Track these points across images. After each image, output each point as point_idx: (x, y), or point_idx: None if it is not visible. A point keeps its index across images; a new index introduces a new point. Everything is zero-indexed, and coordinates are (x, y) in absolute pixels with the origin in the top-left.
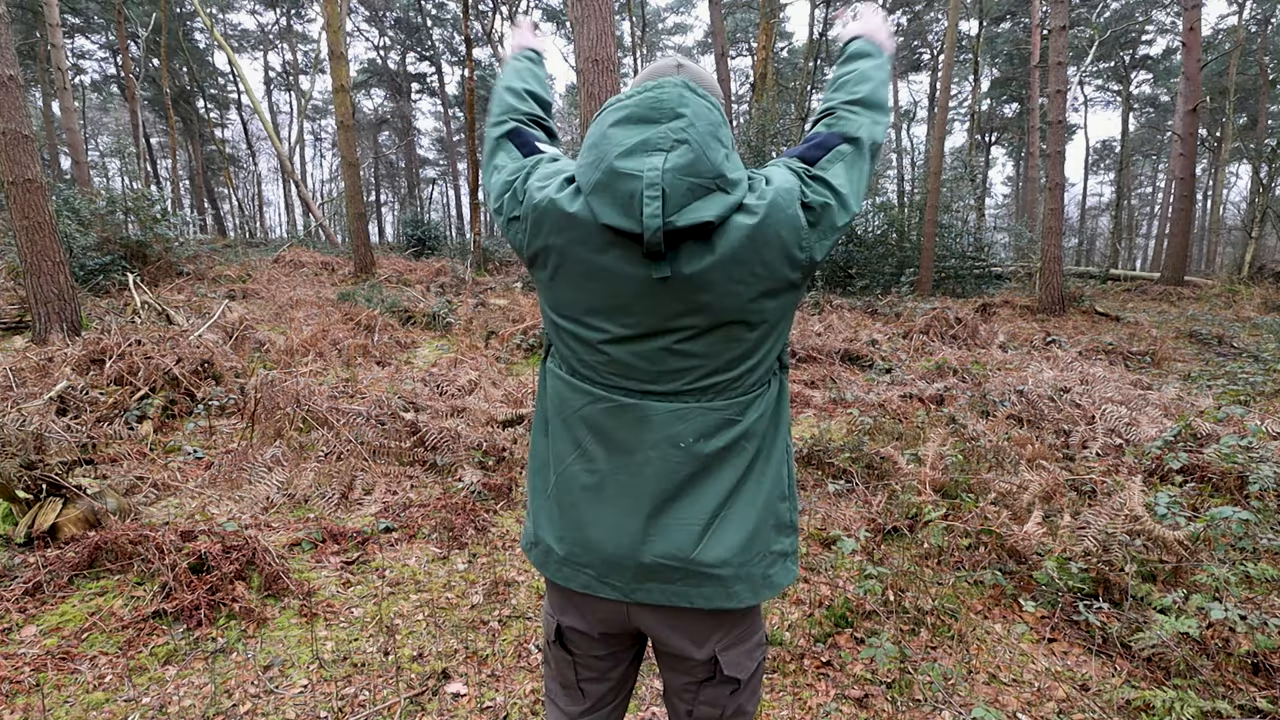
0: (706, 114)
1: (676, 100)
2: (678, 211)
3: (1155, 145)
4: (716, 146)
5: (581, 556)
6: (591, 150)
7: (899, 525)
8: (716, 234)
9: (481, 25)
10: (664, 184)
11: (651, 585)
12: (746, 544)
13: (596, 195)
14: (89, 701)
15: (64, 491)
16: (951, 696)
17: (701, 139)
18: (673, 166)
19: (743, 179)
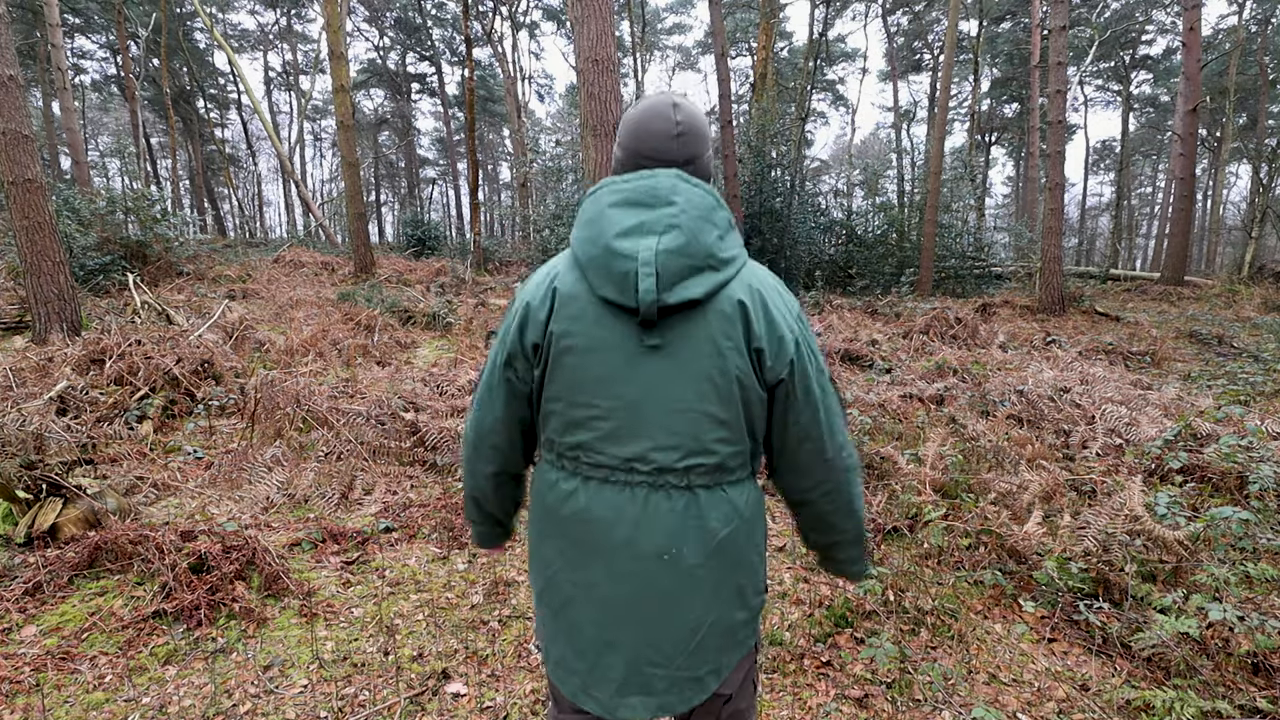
0: (699, 200)
1: (669, 190)
2: (669, 289)
3: (1155, 145)
4: (709, 229)
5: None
6: (590, 226)
7: (899, 525)
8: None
9: (481, 25)
10: (658, 263)
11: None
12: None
13: (594, 270)
14: (89, 701)
15: (64, 491)
16: (951, 696)
17: (693, 224)
18: (666, 248)
19: (737, 257)
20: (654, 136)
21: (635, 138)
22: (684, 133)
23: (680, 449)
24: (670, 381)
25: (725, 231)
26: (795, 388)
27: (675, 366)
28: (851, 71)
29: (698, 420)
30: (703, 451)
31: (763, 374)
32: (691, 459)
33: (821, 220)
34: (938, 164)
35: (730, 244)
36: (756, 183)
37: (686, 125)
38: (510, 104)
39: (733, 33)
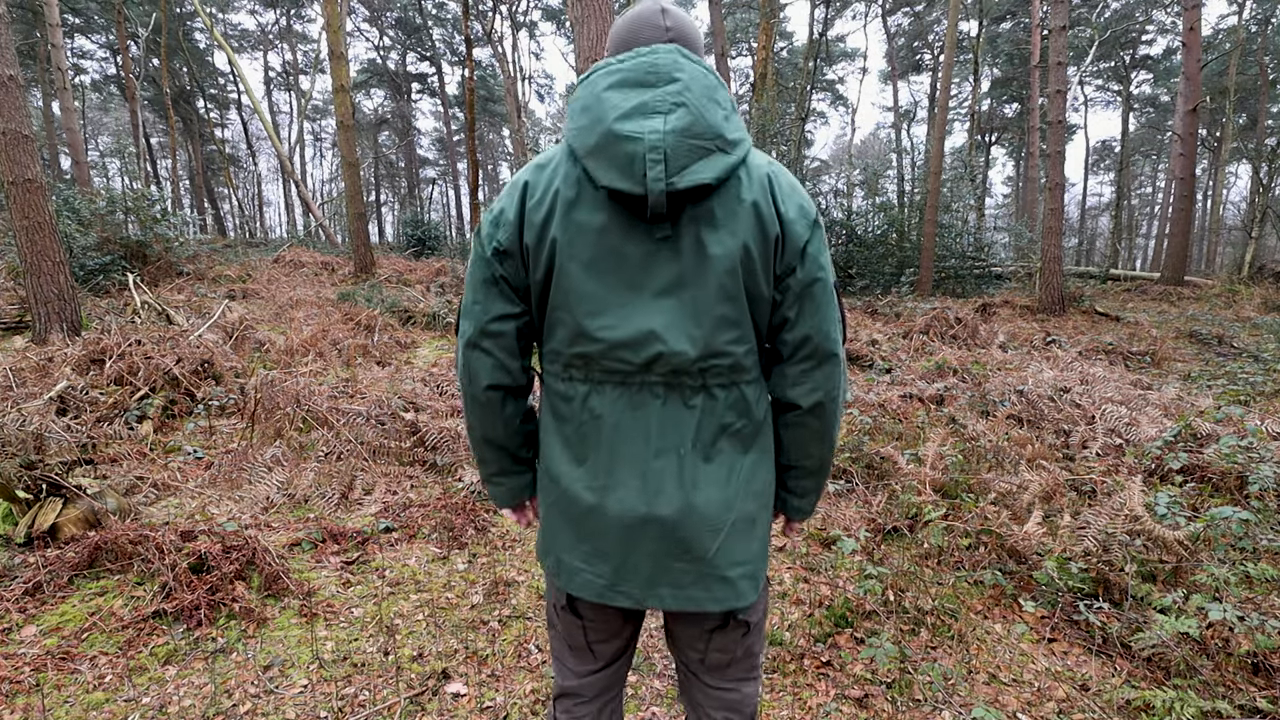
0: (702, 78)
1: (671, 65)
2: (679, 173)
3: (1155, 145)
4: (714, 108)
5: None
6: (585, 113)
7: (899, 525)
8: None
9: (481, 25)
10: (665, 146)
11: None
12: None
13: (594, 158)
14: (89, 701)
15: (64, 491)
16: (951, 696)
17: (699, 101)
18: (672, 129)
19: (744, 139)
20: (643, 43)
21: (624, 45)
22: (674, 37)
23: (695, 351)
24: (683, 281)
25: (730, 112)
26: (803, 274)
27: (687, 262)
28: (851, 71)
29: (712, 322)
30: (718, 354)
31: (780, 260)
32: (706, 361)
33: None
34: (938, 164)
35: (736, 125)
36: None
37: (676, 30)
38: (510, 104)
39: (733, 33)
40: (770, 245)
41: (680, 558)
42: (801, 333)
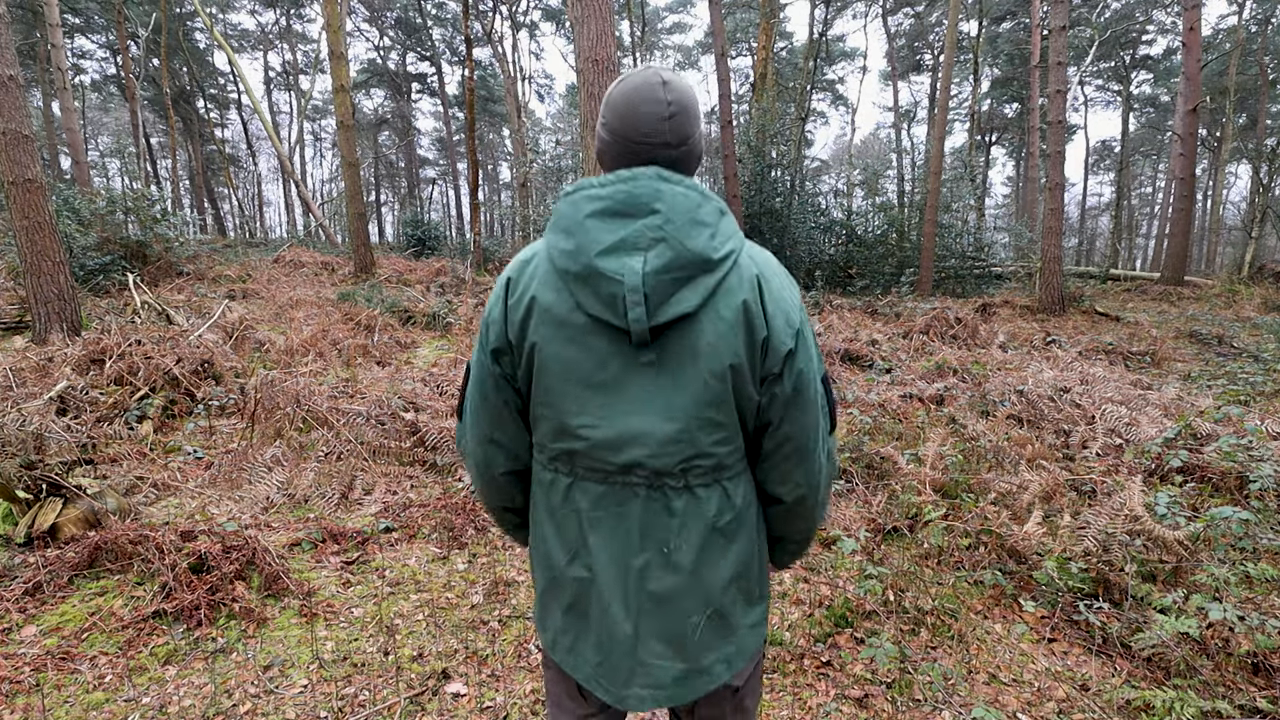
0: (683, 200)
1: (651, 195)
2: (660, 308)
3: (1155, 145)
4: (697, 232)
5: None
6: (569, 237)
7: (899, 525)
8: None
9: (481, 25)
10: (646, 287)
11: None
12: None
13: (579, 287)
14: (89, 701)
15: (64, 491)
16: (951, 696)
17: (680, 232)
18: (653, 268)
19: (731, 251)
20: (643, 120)
21: (623, 120)
22: (675, 114)
23: (678, 455)
24: (665, 391)
25: (716, 225)
26: (787, 382)
27: (670, 375)
28: (851, 71)
29: (695, 426)
30: (701, 455)
31: (764, 365)
32: (689, 462)
33: (821, 220)
34: (938, 164)
35: (723, 238)
36: (756, 183)
37: (678, 105)
38: (510, 104)
39: (733, 32)
40: (757, 349)
41: (660, 655)
42: (784, 434)
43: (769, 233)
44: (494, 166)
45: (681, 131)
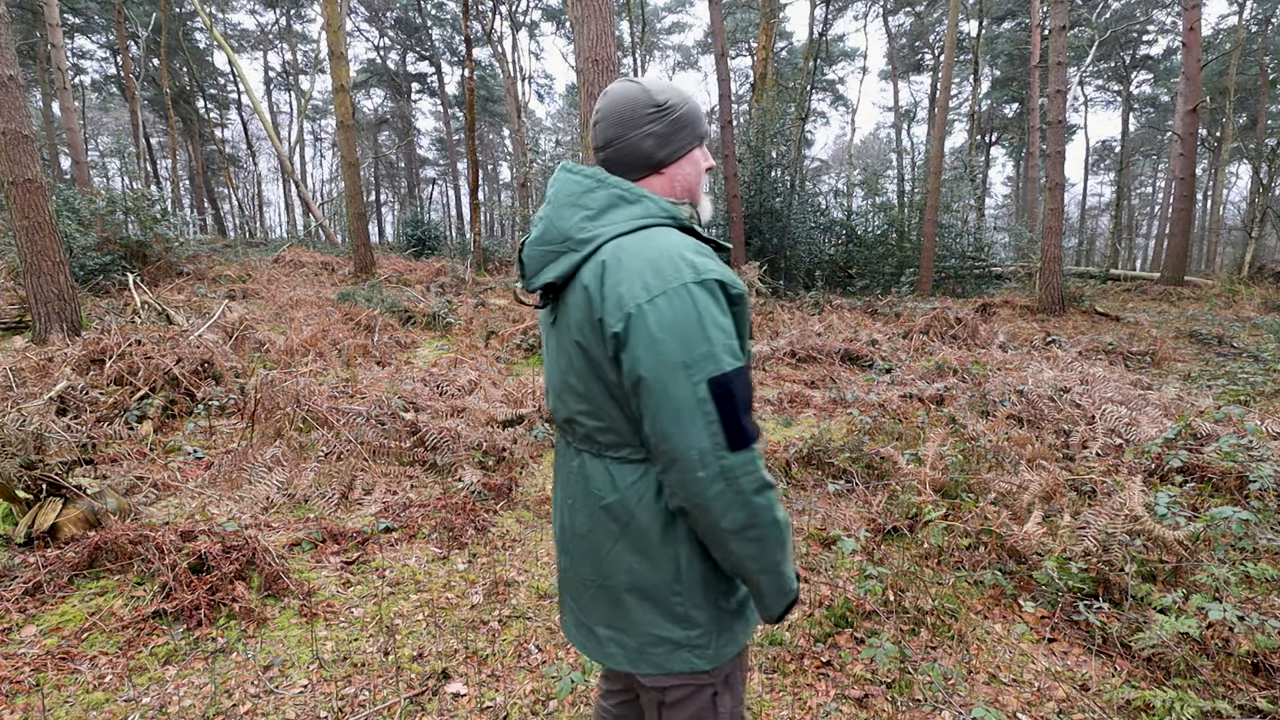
0: (571, 188)
1: (553, 182)
2: (534, 276)
3: (1155, 145)
4: (572, 214)
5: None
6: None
7: (899, 525)
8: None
9: (481, 25)
10: (527, 256)
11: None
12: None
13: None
14: (89, 701)
15: (64, 491)
16: (951, 696)
17: (557, 212)
18: (532, 240)
19: (597, 236)
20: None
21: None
22: (598, 121)
23: (560, 411)
24: (553, 350)
25: (597, 210)
26: (628, 372)
27: (556, 337)
28: (851, 71)
29: (563, 388)
30: (572, 420)
31: (610, 349)
32: (568, 425)
33: (821, 220)
34: (938, 164)
35: (604, 223)
36: (756, 183)
37: (601, 113)
38: (510, 104)
39: (733, 32)
40: (597, 331)
41: (575, 595)
42: (645, 430)
43: (769, 233)
44: (494, 166)
45: (601, 136)
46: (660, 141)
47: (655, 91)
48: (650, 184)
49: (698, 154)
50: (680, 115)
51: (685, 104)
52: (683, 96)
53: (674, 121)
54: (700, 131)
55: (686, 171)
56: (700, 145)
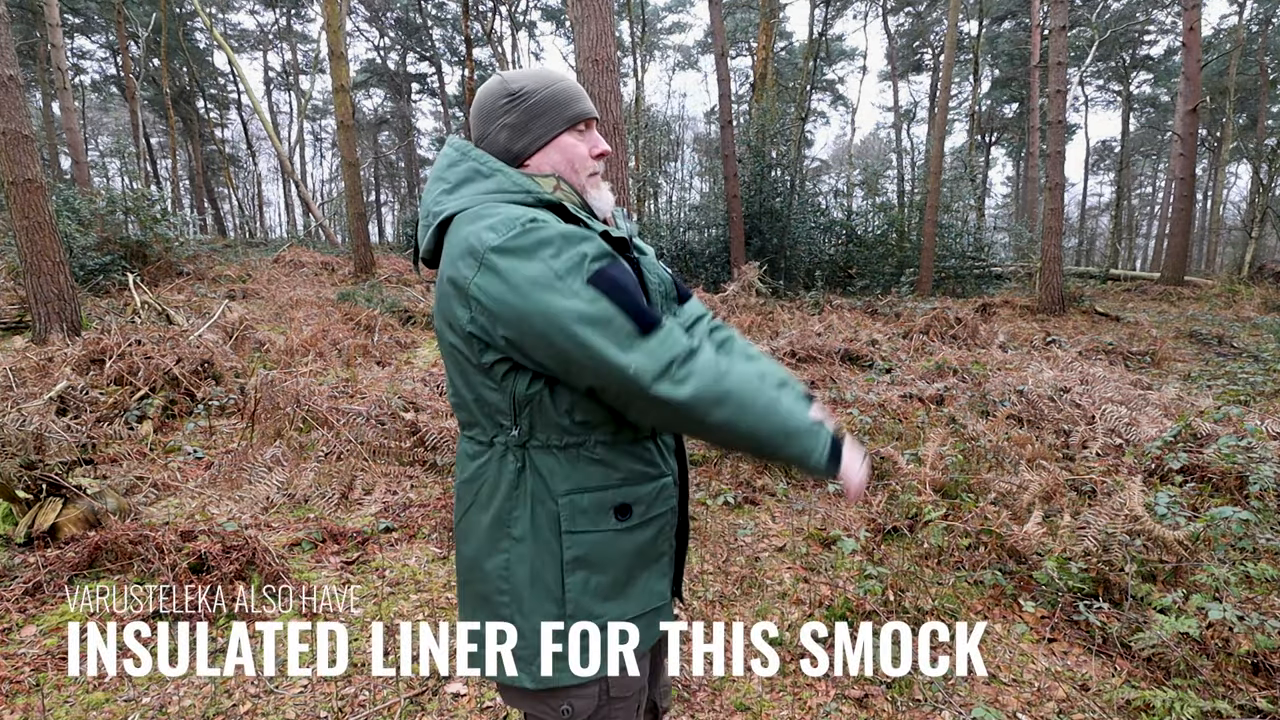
0: (441, 161)
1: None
2: (423, 248)
3: (1155, 145)
4: (436, 186)
5: None
6: None
7: (899, 525)
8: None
9: (481, 25)
10: (413, 230)
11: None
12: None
13: None
14: (89, 701)
15: (64, 491)
16: (951, 696)
17: (427, 187)
18: (417, 217)
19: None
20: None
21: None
22: (472, 118)
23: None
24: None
25: (456, 184)
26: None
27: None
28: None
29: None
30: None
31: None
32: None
33: (821, 220)
34: (938, 164)
35: (456, 196)
36: (756, 183)
37: (472, 112)
38: None
39: (733, 32)
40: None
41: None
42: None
43: (769, 233)
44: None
45: (473, 135)
46: (515, 132)
47: (510, 81)
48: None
49: (568, 139)
50: (536, 102)
51: (545, 89)
52: (543, 82)
53: (529, 109)
54: (570, 114)
55: (554, 160)
56: (571, 129)
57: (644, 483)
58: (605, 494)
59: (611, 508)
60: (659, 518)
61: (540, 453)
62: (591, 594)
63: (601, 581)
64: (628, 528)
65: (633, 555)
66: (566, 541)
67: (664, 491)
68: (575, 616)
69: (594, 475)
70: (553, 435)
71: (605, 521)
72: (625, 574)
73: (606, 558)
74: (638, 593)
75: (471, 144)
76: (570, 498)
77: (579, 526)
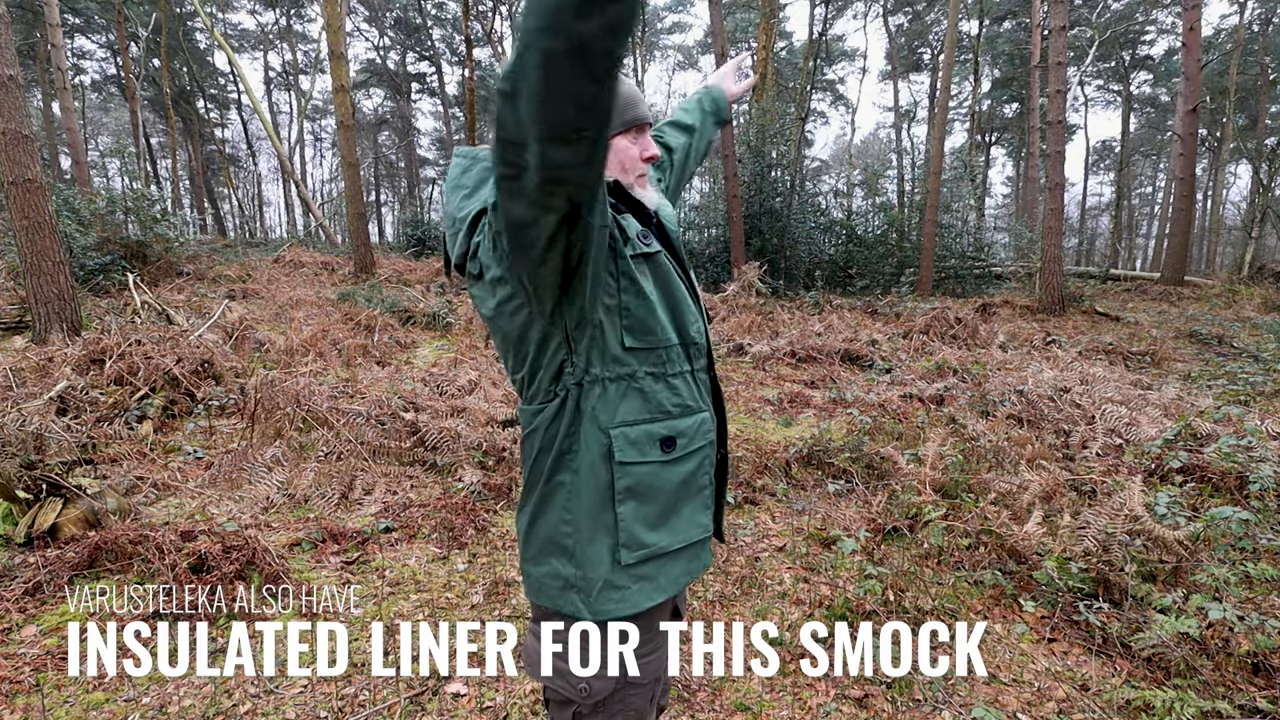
0: (452, 172)
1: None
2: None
3: (1155, 145)
4: (454, 195)
5: None
6: None
7: (899, 525)
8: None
9: (481, 25)
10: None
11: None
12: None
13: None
14: (89, 701)
15: (64, 491)
16: (951, 696)
17: (447, 200)
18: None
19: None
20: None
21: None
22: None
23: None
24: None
25: (474, 187)
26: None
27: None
28: (851, 71)
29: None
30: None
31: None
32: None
33: (821, 220)
34: (938, 164)
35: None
36: (756, 183)
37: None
38: None
39: (733, 33)
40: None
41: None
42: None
43: (769, 233)
44: None
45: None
46: None
47: None
48: None
49: (621, 141)
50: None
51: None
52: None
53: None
54: (628, 117)
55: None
56: (625, 132)
57: (685, 416)
58: (652, 426)
59: (658, 440)
60: (699, 450)
61: (594, 386)
62: (641, 523)
63: (650, 511)
64: (672, 459)
65: (677, 486)
66: (619, 473)
67: (703, 426)
68: (628, 546)
69: (642, 408)
70: (607, 366)
71: (652, 452)
72: (671, 504)
73: (654, 488)
74: (683, 524)
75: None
76: (622, 429)
77: (629, 457)
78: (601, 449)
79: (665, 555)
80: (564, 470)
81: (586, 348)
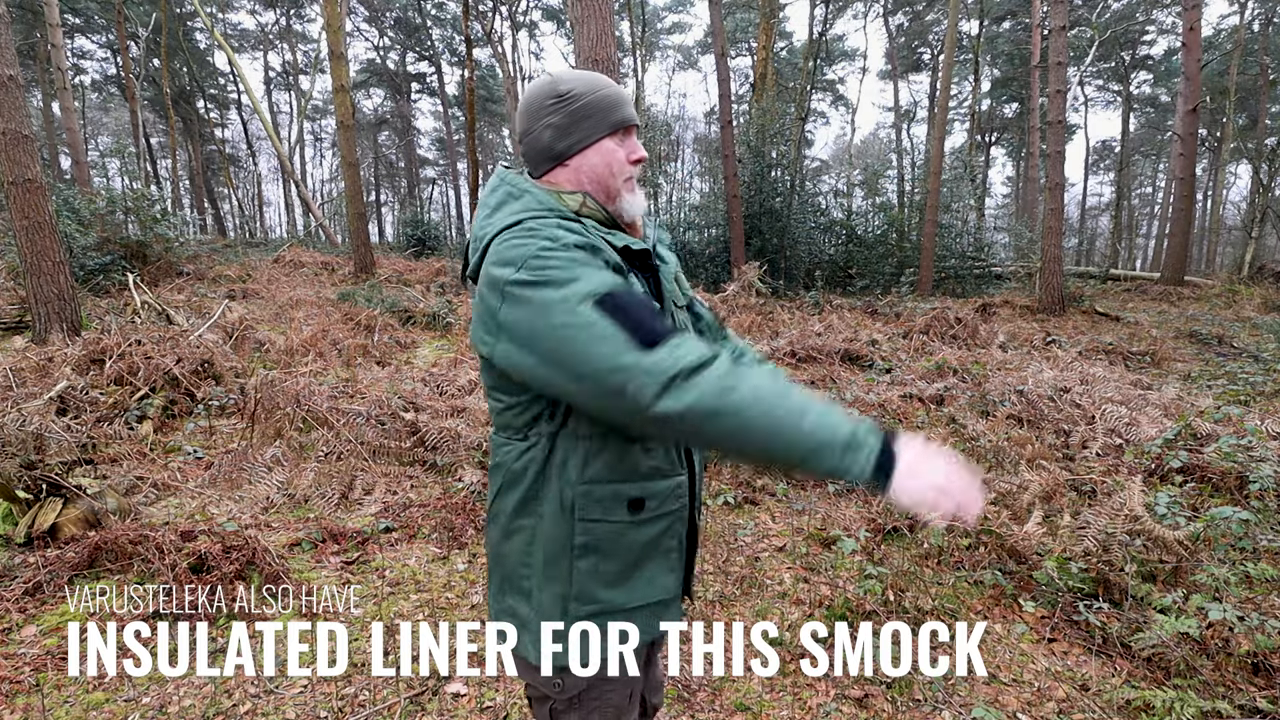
0: (486, 188)
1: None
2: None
3: (1155, 145)
4: (481, 213)
5: None
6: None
7: (899, 525)
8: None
9: (481, 25)
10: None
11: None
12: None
13: None
14: (89, 701)
15: (64, 491)
16: (951, 696)
17: (476, 215)
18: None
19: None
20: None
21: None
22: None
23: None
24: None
25: (495, 208)
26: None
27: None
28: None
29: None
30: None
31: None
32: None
33: (821, 220)
34: (938, 164)
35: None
36: (756, 183)
37: (519, 108)
38: (510, 104)
39: (733, 33)
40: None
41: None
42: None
43: (769, 233)
44: (494, 166)
45: (517, 131)
46: (559, 133)
47: (559, 81)
48: (556, 176)
49: (608, 144)
50: (583, 105)
51: (593, 93)
52: (591, 86)
53: (574, 112)
54: (613, 120)
55: (593, 163)
56: (613, 135)
57: (659, 479)
58: (623, 486)
59: (626, 500)
60: (669, 514)
61: (568, 440)
62: (596, 579)
63: (609, 569)
64: (639, 521)
65: (642, 546)
66: (579, 529)
67: (677, 490)
68: (579, 599)
69: (615, 468)
70: (583, 424)
71: (618, 513)
72: (632, 563)
73: (617, 545)
74: (642, 584)
75: (511, 171)
76: (589, 487)
77: (592, 515)
78: (566, 502)
79: (619, 612)
80: (528, 515)
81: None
